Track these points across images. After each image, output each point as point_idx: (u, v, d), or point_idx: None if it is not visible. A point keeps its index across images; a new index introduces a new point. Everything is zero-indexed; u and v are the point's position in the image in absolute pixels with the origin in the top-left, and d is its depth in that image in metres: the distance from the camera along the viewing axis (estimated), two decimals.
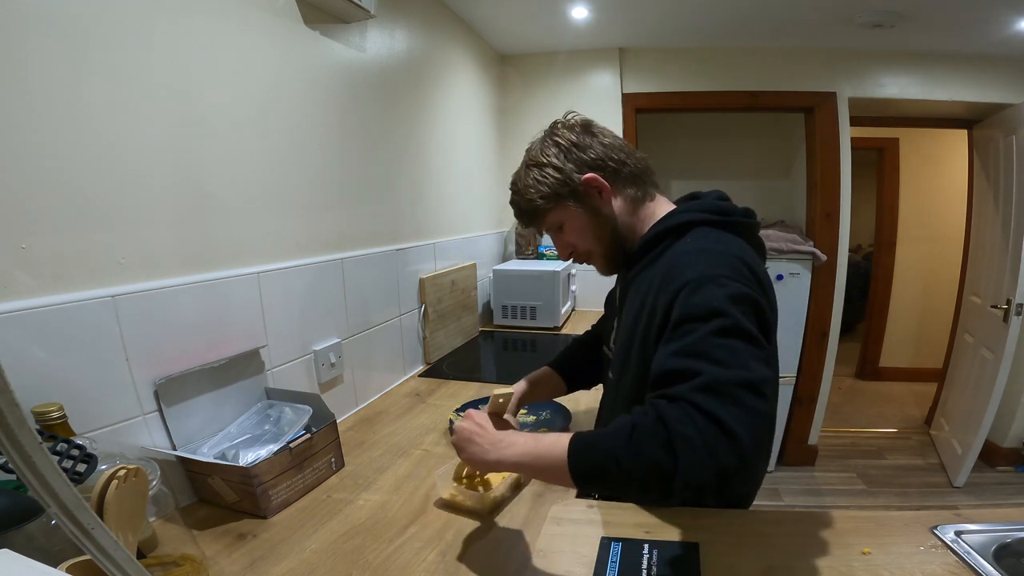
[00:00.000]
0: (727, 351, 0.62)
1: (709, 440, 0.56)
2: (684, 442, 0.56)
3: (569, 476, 0.64)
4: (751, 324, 0.65)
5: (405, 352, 1.69)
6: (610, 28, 2.35)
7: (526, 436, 0.72)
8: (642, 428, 0.59)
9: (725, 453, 0.55)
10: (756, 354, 0.63)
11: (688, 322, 0.66)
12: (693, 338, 0.64)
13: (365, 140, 1.47)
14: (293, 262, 1.20)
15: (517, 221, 0.94)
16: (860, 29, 2.20)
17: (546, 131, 0.89)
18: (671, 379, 0.63)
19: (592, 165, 0.85)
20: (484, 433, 0.75)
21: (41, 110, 0.72)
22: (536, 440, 0.70)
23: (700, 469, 0.55)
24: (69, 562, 0.51)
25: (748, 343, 0.63)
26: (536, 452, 0.68)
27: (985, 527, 0.76)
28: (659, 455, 0.57)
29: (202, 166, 0.97)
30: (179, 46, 0.92)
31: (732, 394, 0.58)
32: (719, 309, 0.65)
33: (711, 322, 0.64)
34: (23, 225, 0.71)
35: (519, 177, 0.90)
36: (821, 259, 2.64)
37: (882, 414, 3.63)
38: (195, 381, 0.94)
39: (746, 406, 0.58)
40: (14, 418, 0.30)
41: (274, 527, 0.86)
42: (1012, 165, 2.47)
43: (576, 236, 0.89)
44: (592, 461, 0.63)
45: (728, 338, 0.63)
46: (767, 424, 0.59)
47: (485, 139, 2.50)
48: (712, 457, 0.55)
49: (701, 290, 0.68)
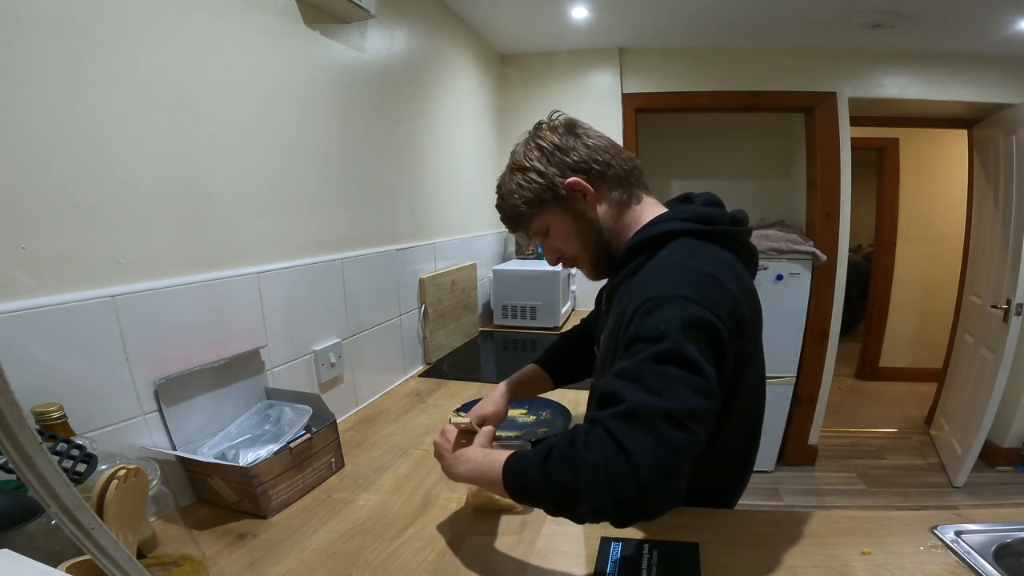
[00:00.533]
0: (660, 378, 0.61)
1: (610, 467, 0.56)
2: (587, 468, 0.58)
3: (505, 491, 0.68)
4: (696, 352, 0.62)
5: (405, 352, 1.69)
6: (610, 28, 2.35)
7: (477, 453, 0.77)
8: (556, 451, 0.62)
9: (623, 481, 0.56)
10: (692, 384, 0.61)
11: (636, 342, 0.65)
12: (633, 360, 0.63)
13: (365, 140, 1.47)
14: (293, 262, 1.20)
15: (504, 225, 0.93)
16: (860, 29, 2.20)
17: (530, 133, 0.87)
18: (604, 401, 0.63)
19: (575, 168, 0.82)
20: (447, 448, 0.81)
21: (40, 110, 0.72)
22: (485, 456, 0.74)
23: (598, 495, 0.57)
24: (69, 562, 0.51)
25: (685, 370, 0.61)
26: (481, 469, 0.73)
27: (985, 527, 0.76)
28: (566, 479, 0.59)
29: (202, 166, 0.97)
30: (179, 46, 0.92)
31: (648, 423, 0.58)
32: (665, 333, 0.63)
33: (655, 346, 0.63)
34: (23, 225, 0.71)
35: (503, 181, 0.88)
36: (821, 259, 2.64)
37: (882, 414, 3.63)
38: (195, 381, 0.94)
39: (660, 435, 0.57)
40: (14, 418, 0.30)
41: (274, 527, 0.86)
42: (1012, 165, 2.46)
43: (562, 241, 0.87)
44: (518, 481, 0.66)
45: (665, 364, 0.61)
46: (680, 456, 0.58)
47: (485, 139, 2.50)
48: (610, 484, 0.56)
49: (656, 311, 0.66)
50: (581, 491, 0.58)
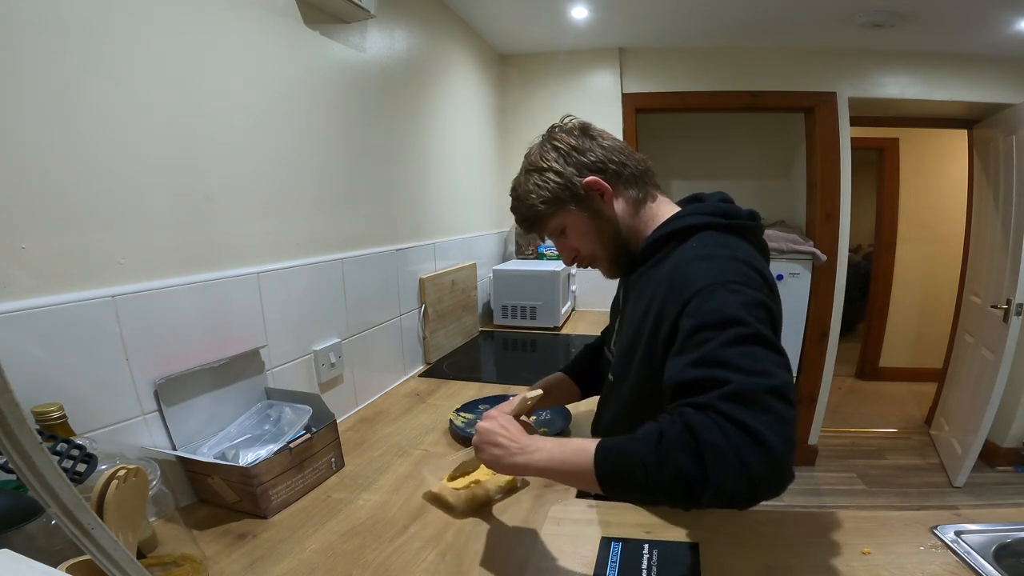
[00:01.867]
0: (749, 358, 0.61)
1: (740, 449, 0.55)
2: (713, 451, 0.55)
3: (596, 483, 0.64)
4: (767, 329, 0.64)
5: (405, 352, 1.69)
6: (610, 28, 2.35)
7: (552, 442, 0.71)
8: (669, 437, 0.59)
9: (756, 461, 0.55)
10: (777, 360, 0.62)
11: (703, 330, 0.65)
12: (711, 347, 0.63)
13: (365, 140, 1.47)
14: (293, 262, 1.20)
15: (519, 228, 0.94)
16: (860, 29, 2.20)
17: (544, 136, 0.89)
18: (693, 389, 0.62)
19: (593, 168, 0.84)
20: (510, 436, 0.74)
21: (40, 110, 0.72)
22: (562, 446, 0.69)
23: (731, 478, 0.55)
24: (69, 562, 0.51)
25: (768, 349, 0.62)
26: (563, 458, 0.68)
27: (985, 527, 0.76)
28: (687, 464, 0.56)
29: (202, 166, 0.97)
30: (179, 46, 0.92)
31: (761, 401, 0.57)
32: (734, 317, 0.64)
33: (728, 330, 0.63)
34: (23, 225, 0.71)
35: (519, 183, 0.89)
36: (821, 259, 2.64)
37: (882, 414, 3.63)
38: (195, 381, 0.94)
39: (775, 412, 0.57)
40: (14, 418, 0.30)
41: (274, 527, 0.86)
42: (1012, 165, 2.46)
43: (579, 240, 0.89)
44: (620, 469, 0.62)
45: (748, 345, 0.62)
46: (793, 429, 0.59)
47: (485, 139, 2.50)
48: (743, 466, 0.55)
49: (713, 298, 0.67)
50: (709, 476, 0.55)
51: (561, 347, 2.06)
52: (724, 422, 0.57)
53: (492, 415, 0.79)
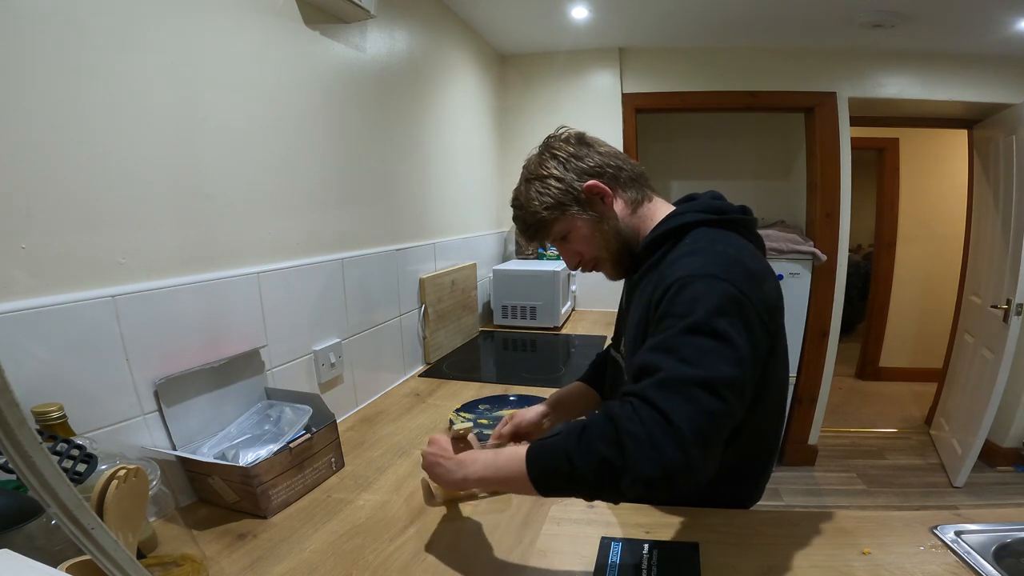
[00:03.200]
0: (694, 348, 0.63)
1: (653, 434, 0.57)
2: (630, 437, 0.58)
3: (530, 484, 0.66)
4: (726, 324, 0.65)
5: (405, 352, 1.69)
6: (610, 28, 2.35)
7: (486, 453, 0.76)
8: (592, 427, 0.62)
9: (668, 446, 0.57)
10: (724, 354, 0.63)
11: (667, 318, 0.69)
12: (666, 334, 0.67)
13: (365, 140, 1.47)
14: (293, 262, 1.20)
15: (522, 237, 0.95)
16: (860, 29, 2.20)
17: (541, 146, 0.91)
18: (640, 373, 0.65)
19: (592, 173, 0.86)
20: (447, 455, 0.79)
21: (40, 110, 0.72)
22: (496, 455, 0.73)
23: (645, 463, 0.57)
24: (69, 562, 0.51)
25: (716, 341, 0.64)
26: (496, 465, 0.72)
27: (985, 527, 0.76)
28: (608, 451, 0.59)
29: (202, 166, 0.97)
30: (179, 45, 0.92)
31: (684, 391, 0.60)
32: (696, 308, 0.66)
33: (686, 319, 0.66)
34: (23, 225, 0.71)
35: (520, 192, 0.91)
36: (821, 259, 2.64)
37: (882, 414, 3.63)
38: (195, 381, 0.94)
39: (697, 403, 0.59)
40: (14, 418, 0.30)
41: (274, 527, 0.86)
42: (1012, 165, 2.46)
43: (582, 244, 0.90)
44: (547, 465, 0.65)
45: (697, 336, 0.64)
46: (717, 424, 0.60)
47: (485, 139, 2.50)
48: (656, 450, 0.57)
49: (686, 288, 0.70)
50: (627, 462, 0.57)
51: (561, 347, 2.06)
52: (644, 407, 0.60)
53: (433, 439, 0.84)
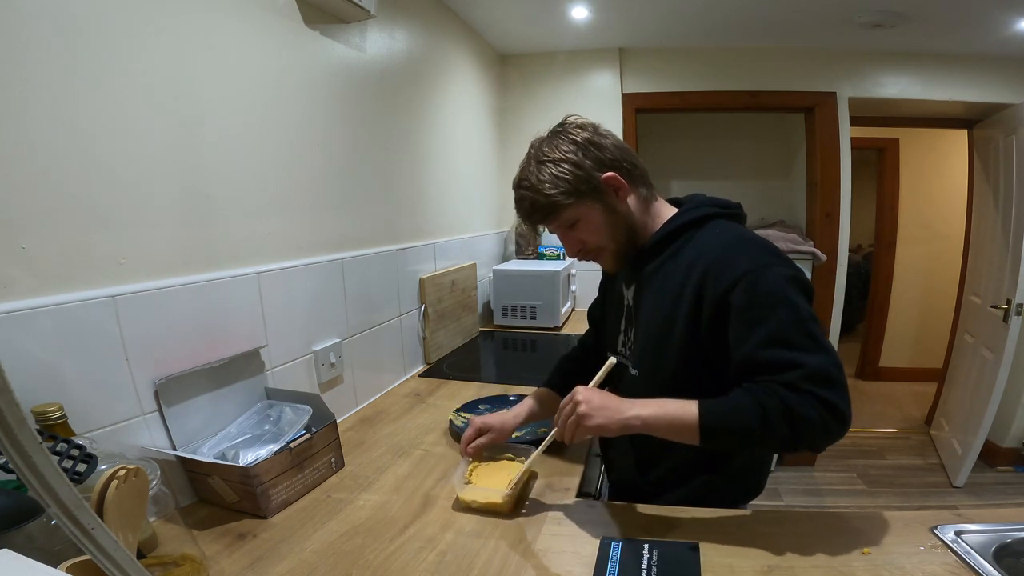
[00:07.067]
0: (810, 338, 0.73)
1: (829, 424, 0.71)
2: (807, 424, 0.70)
3: (696, 433, 0.75)
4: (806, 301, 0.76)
5: (405, 352, 1.69)
6: (610, 28, 2.35)
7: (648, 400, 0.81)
8: (773, 413, 0.71)
9: (838, 430, 0.72)
10: (821, 331, 0.74)
11: (758, 308, 0.75)
12: (773, 326, 0.74)
13: (365, 140, 1.47)
14: (293, 262, 1.20)
15: (522, 218, 0.92)
16: (860, 29, 2.20)
17: (555, 129, 0.89)
18: (767, 368, 0.73)
19: (610, 165, 0.86)
20: (610, 399, 0.81)
21: (40, 110, 0.72)
22: (662, 402, 0.79)
23: (820, 442, 0.73)
24: (69, 562, 0.51)
25: (817, 323, 0.74)
26: (665, 408, 0.78)
27: (985, 527, 0.76)
28: (787, 434, 0.71)
29: (202, 166, 0.97)
30: (179, 46, 0.92)
31: (832, 377, 0.71)
32: (786, 297, 0.75)
33: (783, 309, 0.74)
34: (23, 225, 0.71)
35: (530, 173, 0.87)
36: (821, 259, 2.64)
37: (882, 414, 3.63)
38: (195, 381, 0.94)
39: (842, 384, 0.72)
40: (14, 418, 0.30)
41: (274, 527, 0.86)
42: (1012, 165, 2.46)
43: (589, 233, 0.90)
44: (728, 426, 0.74)
45: (805, 324, 0.74)
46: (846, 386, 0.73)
47: (485, 139, 2.50)
48: (828, 434, 0.72)
49: (764, 277, 0.76)
50: (801, 441, 0.72)
51: (561, 347, 2.06)
52: (813, 400, 0.70)
53: (581, 390, 0.83)
